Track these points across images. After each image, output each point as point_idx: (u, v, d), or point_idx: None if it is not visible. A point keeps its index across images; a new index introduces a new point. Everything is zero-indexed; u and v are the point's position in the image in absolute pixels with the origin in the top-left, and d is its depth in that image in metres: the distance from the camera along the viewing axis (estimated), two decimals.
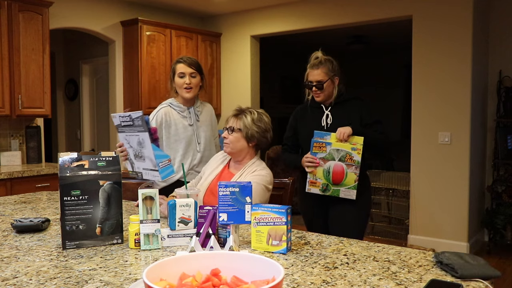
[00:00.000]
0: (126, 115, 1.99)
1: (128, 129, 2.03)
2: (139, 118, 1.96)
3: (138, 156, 2.02)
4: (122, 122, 2.01)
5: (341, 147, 2.31)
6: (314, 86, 2.46)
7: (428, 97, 4.54)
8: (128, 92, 5.26)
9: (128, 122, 2.00)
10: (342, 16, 5.13)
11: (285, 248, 1.48)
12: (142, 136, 1.98)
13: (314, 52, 2.54)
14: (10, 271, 1.31)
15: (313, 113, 2.55)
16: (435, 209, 4.54)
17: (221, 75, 6.09)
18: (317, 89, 2.46)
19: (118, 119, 2.04)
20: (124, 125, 2.02)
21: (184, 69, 2.60)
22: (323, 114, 2.51)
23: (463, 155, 4.37)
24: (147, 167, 2.02)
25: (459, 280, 1.21)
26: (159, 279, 0.93)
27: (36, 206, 2.29)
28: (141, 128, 1.95)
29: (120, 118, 2.03)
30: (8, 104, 4.00)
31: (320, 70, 2.46)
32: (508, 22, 4.66)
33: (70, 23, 4.87)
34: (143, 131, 1.96)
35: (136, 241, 1.54)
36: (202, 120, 2.72)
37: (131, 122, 1.98)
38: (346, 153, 2.30)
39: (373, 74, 9.27)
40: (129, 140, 2.06)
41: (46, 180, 4.01)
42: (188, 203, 1.58)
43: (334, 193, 2.39)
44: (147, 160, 2.00)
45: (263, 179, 2.09)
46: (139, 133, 1.98)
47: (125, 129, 2.03)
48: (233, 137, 2.17)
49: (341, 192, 2.37)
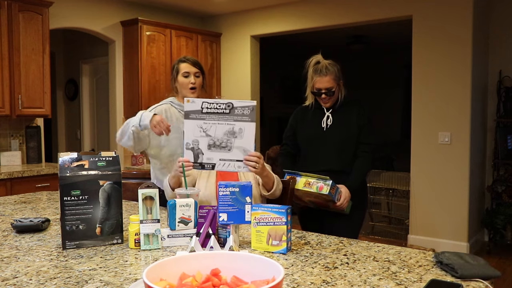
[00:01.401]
0: (221, 102, 1.91)
1: (213, 116, 1.92)
2: (251, 107, 1.89)
3: (220, 146, 1.95)
4: (206, 108, 1.91)
5: (310, 193, 2.28)
6: (324, 94, 2.42)
7: (428, 97, 4.54)
8: (128, 92, 5.27)
9: (217, 109, 1.91)
10: (342, 16, 5.13)
11: (285, 248, 1.48)
12: (243, 126, 1.92)
13: (314, 56, 2.50)
14: (10, 271, 1.31)
15: (314, 114, 2.54)
16: (435, 209, 4.54)
17: (221, 75, 6.09)
18: (327, 96, 2.43)
19: (198, 104, 1.92)
20: (207, 111, 1.92)
21: (189, 68, 2.58)
22: (324, 116, 2.50)
23: (463, 155, 4.37)
24: (231, 157, 1.95)
25: (459, 280, 1.21)
26: (159, 279, 0.93)
27: (36, 206, 2.29)
28: (247, 118, 1.90)
29: (205, 104, 1.91)
30: (8, 104, 4.00)
31: (328, 77, 2.41)
32: (508, 23, 4.66)
33: (70, 23, 4.87)
34: (249, 121, 1.91)
35: (136, 241, 1.54)
36: None
37: (227, 110, 1.90)
38: (317, 194, 2.26)
39: (373, 74, 9.27)
40: (207, 128, 1.94)
41: (46, 180, 4.01)
42: (188, 203, 1.58)
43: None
44: (236, 151, 1.94)
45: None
46: (236, 122, 1.91)
47: (207, 116, 1.92)
48: None
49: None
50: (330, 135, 2.45)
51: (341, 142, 2.42)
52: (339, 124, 2.45)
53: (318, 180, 2.24)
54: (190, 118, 1.92)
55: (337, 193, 2.28)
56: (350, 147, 2.44)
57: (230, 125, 1.91)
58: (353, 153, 2.46)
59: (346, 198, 2.32)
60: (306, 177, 2.29)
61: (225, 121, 1.91)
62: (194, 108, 1.91)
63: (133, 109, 4.94)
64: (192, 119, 1.92)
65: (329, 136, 2.45)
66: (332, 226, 2.43)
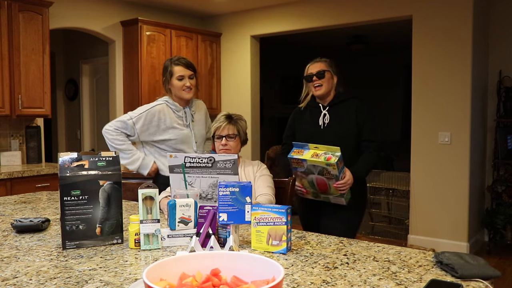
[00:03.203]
0: (203, 156, 1.88)
1: (197, 170, 1.90)
2: (233, 161, 1.85)
3: (206, 198, 1.93)
4: (189, 162, 1.89)
5: (316, 163, 2.22)
6: (315, 76, 2.45)
7: (428, 97, 4.54)
8: (128, 92, 5.27)
9: (199, 163, 1.88)
10: (342, 16, 5.13)
11: (285, 248, 1.48)
12: (227, 179, 1.86)
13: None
14: (10, 271, 1.31)
15: (311, 113, 2.55)
16: (435, 209, 4.54)
17: (221, 75, 6.09)
18: (317, 78, 2.45)
19: (181, 159, 1.89)
20: (190, 166, 1.89)
21: (183, 72, 2.59)
22: (321, 114, 2.51)
23: (463, 155, 4.37)
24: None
25: (459, 280, 1.21)
26: (159, 279, 0.93)
27: (36, 206, 2.29)
28: (229, 171, 1.86)
29: (187, 158, 1.89)
30: (8, 104, 4.00)
31: (320, 63, 2.50)
32: (508, 22, 4.66)
33: (70, 23, 4.87)
34: (232, 174, 1.86)
35: (136, 241, 1.54)
36: (196, 120, 2.73)
37: (209, 164, 1.88)
38: (323, 168, 2.22)
39: (373, 74, 9.27)
40: (192, 181, 1.93)
41: (46, 180, 4.01)
42: (188, 203, 1.58)
43: (325, 199, 2.38)
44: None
45: (268, 171, 2.36)
46: (220, 175, 1.87)
47: (190, 170, 1.90)
48: (233, 143, 2.28)
49: (331, 199, 2.36)
50: (327, 133, 2.44)
51: (338, 139, 2.38)
52: (336, 121, 2.46)
53: (327, 152, 2.19)
54: (174, 172, 1.92)
55: (342, 171, 2.23)
56: (348, 144, 2.41)
57: (213, 178, 1.91)
58: (352, 149, 2.43)
59: (350, 180, 2.26)
60: (314, 150, 2.23)
61: (208, 174, 1.91)
62: (177, 162, 1.92)
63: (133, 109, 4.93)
64: (176, 173, 1.92)
65: (326, 134, 2.44)
66: (331, 220, 2.43)
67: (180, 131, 2.62)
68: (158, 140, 2.63)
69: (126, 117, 2.63)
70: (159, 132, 2.61)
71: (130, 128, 2.61)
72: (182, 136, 2.62)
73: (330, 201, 2.38)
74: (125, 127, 2.61)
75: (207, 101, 5.72)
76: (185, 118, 2.66)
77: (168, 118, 2.61)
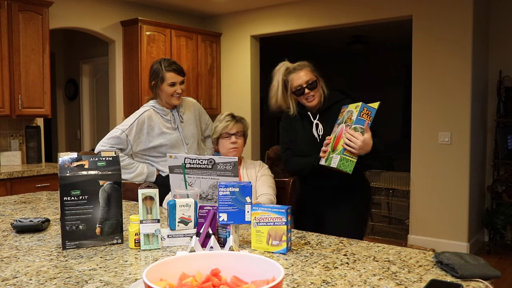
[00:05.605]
0: (203, 158, 1.88)
1: (197, 171, 1.90)
2: (233, 163, 1.84)
3: (206, 199, 1.93)
4: (189, 164, 1.89)
5: (350, 109, 2.06)
6: (307, 88, 2.19)
7: (428, 97, 4.54)
8: (128, 92, 5.27)
9: (199, 165, 1.88)
10: (342, 16, 5.13)
11: (285, 248, 1.48)
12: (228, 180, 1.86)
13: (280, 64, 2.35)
14: (10, 271, 1.31)
15: (302, 125, 2.31)
16: (435, 209, 4.54)
17: (221, 75, 6.09)
18: (310, 90, 2.19)
19: (181, 160, 1.89)
20: (190, 167, 1.89)
21: (175, 78, 2.54)
22: (312, 125, 2.26)
23: (463, 155, 4.37)
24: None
25: (459, 280, 1.21)
26: (159, 279, 0.93)
27: (36, 206, 2.29)
28: (230, 173, 1.85)
29: (187, 159, 1.88)
30: (8, 104, 4.00)
31: (304, 71, 2.22)
32: (508, 22, 4.66)
33: (70, 23, 4.87)
34: (232, 176, 1.85)
35: (136, 241, 1.54)
36: (186, 120, 2.69)
37: (209, 165, 1.87)
38: (350, 113, 2.03)
39: (373, 74, 9.27)
40: (192, 182, 1.93)
41: (46, 180, 4.01)
42: (188, 203, 1.58)
43: (329, 164, 2.09)
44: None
45: (269, 171, 2.39)
46: (220, 177, 1.86)
47: (190, 170, 1.90)
48: (241, 141, 2.36)
49: (332, 159, 2.08)
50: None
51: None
52: (330, 131, 2.20)
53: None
54: (175, 172, 1.92)
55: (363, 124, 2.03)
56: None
57: (214, 179, 1.91)
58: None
59: (362, 139, 2.00)
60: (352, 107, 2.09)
61: (208, 176, 1.91)
62: (177, 163, 1.92)
63: (133, 109, 4.91)
64: (176, 174, 1.92)
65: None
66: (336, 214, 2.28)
67: (169, 135, 2.60)
68: (150, 148, 2.60)
69: (117, 132, 2.57)
70: (149, 139, 2.59)
71: (124, 142, 2.56)
72: (172, 140, 2.61)
73: (332, 168, 2.09)
74: (119, 142, 2.56)
75: (207, 101, 5.72)
76: (173, 121, 2.63)
77: (156, 124, 2.59)
